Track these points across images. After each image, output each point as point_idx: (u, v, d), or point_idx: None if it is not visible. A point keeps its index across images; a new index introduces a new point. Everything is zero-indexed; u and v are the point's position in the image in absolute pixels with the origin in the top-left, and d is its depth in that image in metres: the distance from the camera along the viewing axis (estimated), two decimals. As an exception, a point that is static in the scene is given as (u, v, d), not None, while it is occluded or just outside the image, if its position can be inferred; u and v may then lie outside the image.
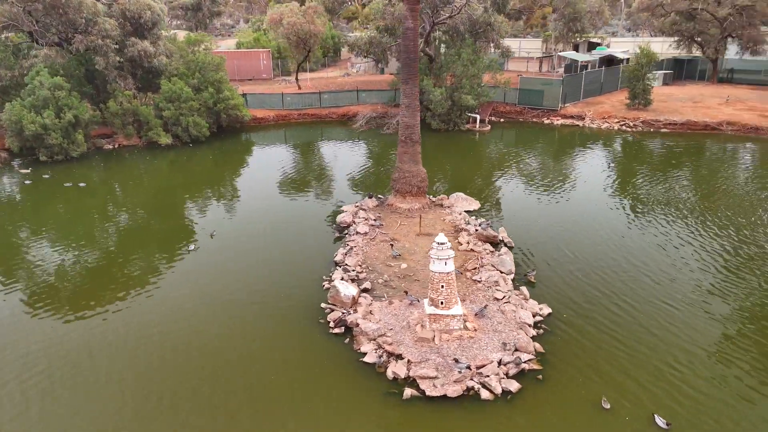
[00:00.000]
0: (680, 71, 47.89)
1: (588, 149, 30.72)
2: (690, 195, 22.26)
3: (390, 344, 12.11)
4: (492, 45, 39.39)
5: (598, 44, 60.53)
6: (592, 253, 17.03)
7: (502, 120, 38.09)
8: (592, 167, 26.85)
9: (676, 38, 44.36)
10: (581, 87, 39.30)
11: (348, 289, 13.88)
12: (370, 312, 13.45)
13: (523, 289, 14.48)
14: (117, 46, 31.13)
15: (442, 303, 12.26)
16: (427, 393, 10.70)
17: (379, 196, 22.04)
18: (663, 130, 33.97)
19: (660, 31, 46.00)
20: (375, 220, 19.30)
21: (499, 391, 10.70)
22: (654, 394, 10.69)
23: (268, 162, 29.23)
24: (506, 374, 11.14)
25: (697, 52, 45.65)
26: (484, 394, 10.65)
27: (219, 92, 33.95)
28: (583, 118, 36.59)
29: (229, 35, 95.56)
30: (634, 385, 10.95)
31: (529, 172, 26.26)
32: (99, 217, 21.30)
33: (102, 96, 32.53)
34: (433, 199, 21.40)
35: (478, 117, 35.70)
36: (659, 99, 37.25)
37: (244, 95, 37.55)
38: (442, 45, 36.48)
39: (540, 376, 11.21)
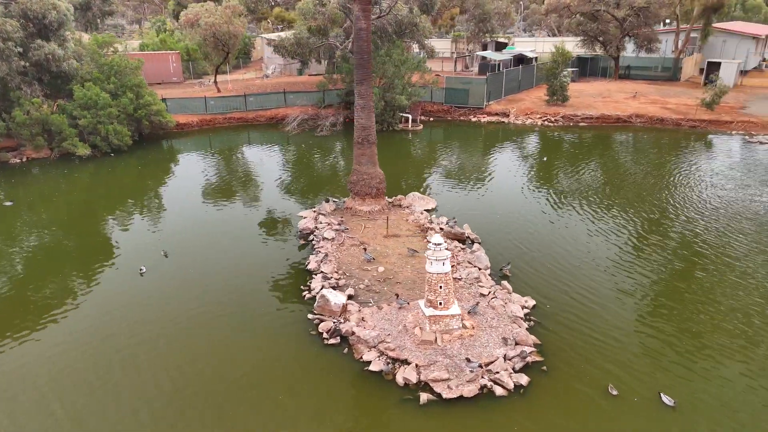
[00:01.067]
0: (584, 68, 51.32)
1: (520, 144, 32.10)
2: (621, 180, 23.91)
3: (393, 350, 11.93)
4: (417, 45, 40.01)
5: (506, 44, 63.54)
6: (549, 244, 17.79)
7: (431, 119, 38.82)
8: (533, 161, 28.09)
9: (581, 38, 47.44)
10: (503, 85, 40.97)
11: (337, 298, 13.51)
12: (362, 319, 13.17)
13: (505, 283, 14.84)
14: (20, 50, 28.19)
15: (441, 304, 12.26)
16: (444, 396, 10.65)
17: (334, 199, 21.67)
18: (581, 124, 36.23)
19: (567, 30, 48.96)
20: (339, 224, 18.95)
21: (511, 386, 10.87)
22: (652, 376, 11.33)
23: (204, 169, 27.78)
24: (513, 369, 11.34)
25: (599, 51, 49.14)
26: (499, 391, 10.77)
27: (139, 97, 31.79)
28: (508, 115, 38.16)
29: (120, 35, 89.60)
30: (632, 369, 11.53)
31: (472, 168, 26.96)
32: (24, 238, 19.19)
33: (4, 104, 29.32)
34: (390, 200, 21.38)
35: (410, 117, 36.15)
36: (572, 95, 39.69)
37: (163, 100, 35.42)
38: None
39: (544, 368, 11.52)
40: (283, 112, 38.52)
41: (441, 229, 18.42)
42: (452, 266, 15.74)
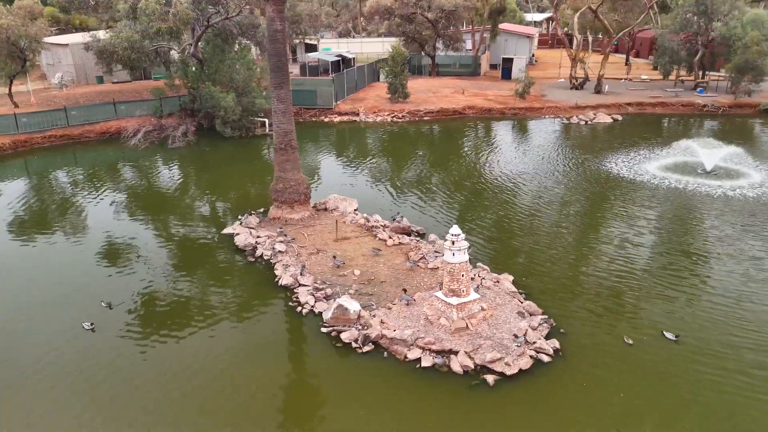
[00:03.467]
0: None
1: (383, 139, 33.71)
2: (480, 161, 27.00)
3: (433, 343, 12.24)
4: (257, 47, 38.88)
5: (315, 45, 65.00)
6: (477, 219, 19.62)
7: (283, 122, 38.17)
8: (409, 152, 29.80)
9: (400, 38, 50.97)
10: (344, 85, 42.16)
11: (354, 305, 13.23)
12: (382, 321, 13.15)
13: (481, 264, 16.03)
14: None
15: (464, 291, 12.92)
16: (507, 373, 11.42)
17: (251, 211, 20.52)
18: (426, 118, 39.32)
19: (389, 32, 52.12)
20: (279, 235, 18.12)
21: (551, 351, 12.10)
22: (651, 317, 13.54)
23: (73, 193, 23.60)
24: (544, 336, 12.59)
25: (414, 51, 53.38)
26: (545, 359, 11.91)
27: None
28: (358, 114, 39.51)
29: None
30: (630, 317, 13.62)
31: (361, 166, 27.65)
32: None
33: None
34: (314, 204, 20.99)
35: (266, 121, 35.16)
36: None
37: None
38: (216, 48, 34.29)
39: (562, 330, 13.00)
40: (117, 125, 34.23)
41: (385, 226, 18.87)
42: (421, 258, 16.42)
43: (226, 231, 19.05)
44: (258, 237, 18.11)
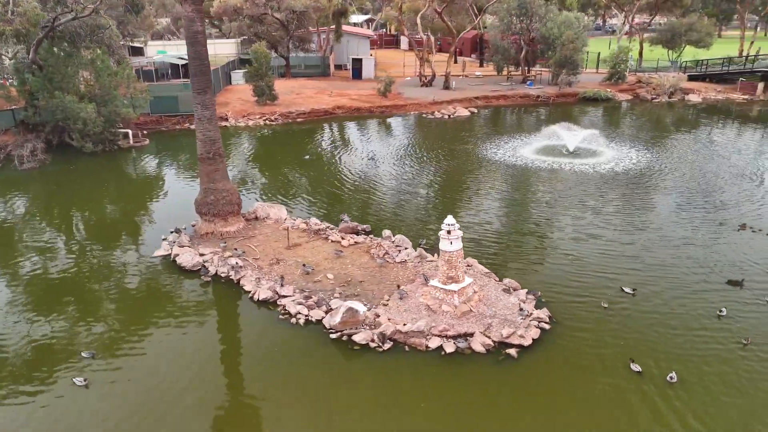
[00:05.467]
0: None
1: (264, 143, 32.77)
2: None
3: (448, 330, 12.75)
4: (109, 51, 34.70)
5: (141, 49, 60.05)
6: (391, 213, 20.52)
7: (145, 131, 34.83)
8: (293, 154, 29.43)
9: (246, 39, 49.50)
10: (205, 89, 39.74)
11: (361, 306, 13.11)
12: (389, 319, 13.26)
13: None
14: None
15: (460, 277, 13.60)
16: (525, 344, 12.40)
17: (179, 228, 18.80)
18: (299, 120, 38.99)
19: (239, 33, 50.10)
20: (223, 250, 16.95)
21: (548, 319, 13.40)
22: (613, 277, 15.51)
23: None
24: (536, 307, 13.85)
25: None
26: (547, 327, 13.13)
27: None
28: (227, 119, 37.65)
29: None
30: (586, 284, 15.45)
31: (263, 171, 26.66)
32: None
33: None
34: (244, 215, 19.87)
35: (130, 132, 31.87)
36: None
37: None
38: (61, 53, 29.82)
39: (543, 299, 14.40)
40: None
41: (329, 228, 18.72)
42: (386, 254, 16.74)
43: (158, 254, 17.23)
44: (202, 255, 16.72)
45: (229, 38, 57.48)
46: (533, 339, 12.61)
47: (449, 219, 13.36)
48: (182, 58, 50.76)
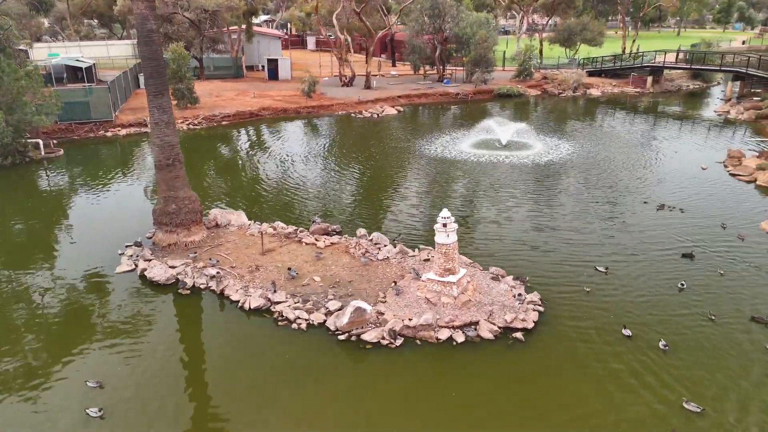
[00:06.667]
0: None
1: (190, 148, 31.13)
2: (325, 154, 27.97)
3: (454, 320, 13.00)
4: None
5: (25, 51, 54.83)
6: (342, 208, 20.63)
7: (56, 141, 31.82)
8: (226, 158, 28.38)
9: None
10: (118, 94, 37.10)
11: (368, 305, 12.98)
12: (394, 315, 13.27)
13: (425, 246, 17.05)
14: None
15: (456, 269, 13.90)
16: (528, 327, 12.95)
17: (138, 242, 17.52)
18: (224, 123, 37.46)
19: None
20: (193, 261, 16.06)
21: (540, 302, 14.06)
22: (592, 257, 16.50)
23: None
24: (526, 292, 14.48)
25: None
26: (541, 309, 13.78)
27: None
28: (146, 124, 35.25)
29: None
30: (565, 268, 16.34)
31: (214, 178, 25.43)
32: None
33: None
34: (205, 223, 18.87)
35: (41, 142, 29.01)
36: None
37: None
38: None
39: (529, 284, 15.07)
40: None
41: (300, 231, 18.31)
42: (366, 252, 16.69)
43: (120, 270, 15.95)
44: (173, 267, 15.71)
45: (123, 39, 53.88)
46: (534, 321, 13.20)
47: (444, 212, 13.62)
48: (80, 61, 47.19)
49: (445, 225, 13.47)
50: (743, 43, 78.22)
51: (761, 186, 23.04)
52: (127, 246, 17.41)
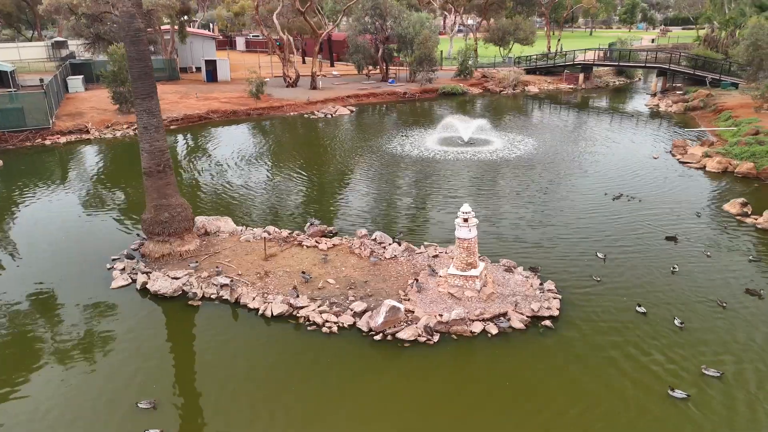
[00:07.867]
0: (90, 74, 47.36)
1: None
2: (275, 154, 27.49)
3: (484, 313, 13.20)
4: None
5: None
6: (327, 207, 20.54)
7: (-15, 153, 29.08)
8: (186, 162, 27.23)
9: (84, 41, 43.77)
10: (53, 99, 34.44)
11: (400, 304, 12.88)
12: (424, 312, 13.27)
13: (429, 243, 17.13)
14: None
15: (477, 262, 14.10)
16: (555, 315, 13.37)
17: (131, 254, 16.43)
18: (172, 126, 35.72)
19: (75, 33, 43.80)
20: (195, 271, 15.28)
21: (556, 290, 14.52)
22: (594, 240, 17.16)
23: None
24: (541, 283, 14.91)
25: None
26: (560, 297, 14.25)
27: None
28: (88, 131, 33.12)
29: None
30: (575, 255, 16.92)
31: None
32: None
33: None
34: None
35: (-21, 151, 26.46)
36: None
37: None
38: None
39: (540, 273, 15.53)
40: None
41: (298, 234, 17.87)
42: (373, 252, 16.56)
43: (116, 285, 14.88)
44: (176, 279, 14.87)
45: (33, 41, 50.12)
46: (558, 309, 13.64)
47: (465, 207, 13.76)
48: (4, 63, 43.41)
49: (466, 220, 13.63)
50: (652, 41, 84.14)
51: (711, 172, 25.01)
52: (114, 259, 16.28)
